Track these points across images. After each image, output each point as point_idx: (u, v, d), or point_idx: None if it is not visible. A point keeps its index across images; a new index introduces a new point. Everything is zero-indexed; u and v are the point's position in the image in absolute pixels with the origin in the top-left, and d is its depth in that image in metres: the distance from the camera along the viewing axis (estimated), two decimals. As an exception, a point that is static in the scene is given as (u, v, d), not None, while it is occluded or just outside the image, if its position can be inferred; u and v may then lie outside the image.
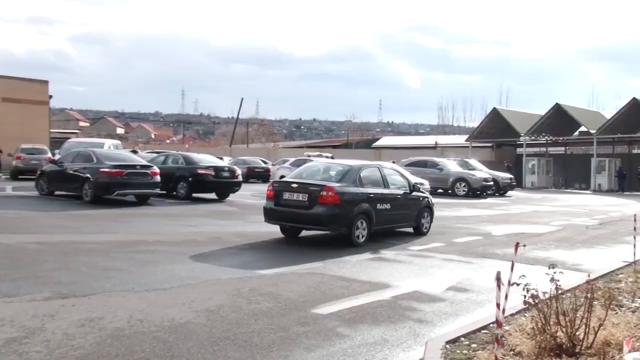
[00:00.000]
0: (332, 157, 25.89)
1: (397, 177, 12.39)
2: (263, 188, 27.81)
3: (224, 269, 7.85)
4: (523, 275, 4.48)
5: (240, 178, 20.11)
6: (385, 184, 11.55)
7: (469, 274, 8.32)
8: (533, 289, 4.50)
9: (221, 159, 29.11)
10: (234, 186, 19.80)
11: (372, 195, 10.86)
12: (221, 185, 19.34)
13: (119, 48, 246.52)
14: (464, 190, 26.36)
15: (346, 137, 73.40)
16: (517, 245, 4.69)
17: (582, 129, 42.72)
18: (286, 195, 10.47)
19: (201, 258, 8.60)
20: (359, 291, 6.86)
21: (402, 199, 11.82)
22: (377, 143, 60.88)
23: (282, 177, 24.52)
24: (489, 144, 48.08)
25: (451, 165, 28.15)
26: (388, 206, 11.27)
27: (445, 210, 19.12)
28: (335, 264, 8.55)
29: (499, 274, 4.11)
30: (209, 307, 5.85)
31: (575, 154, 47.52)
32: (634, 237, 8.87)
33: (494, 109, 45.79)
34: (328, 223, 10.22)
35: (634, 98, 38.34)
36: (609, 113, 48.76)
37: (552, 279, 4.66)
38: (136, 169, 16.60)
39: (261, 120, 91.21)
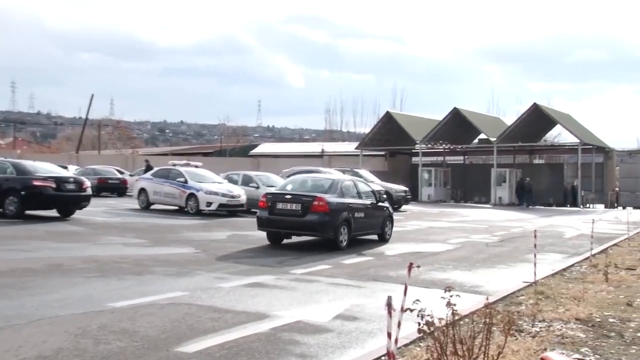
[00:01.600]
0: (200, 167, 25.50)
1: (367, 188, 16.10)
2: (119, 203, 26.95)
3: (66, 303, 7.42)
4: (417, 300, 4.63)
5: (89, 191, 19.29)
6: (359, 194, 15.12)
7: (359, 299, 8.51)
8: (428, 315, 4.66)
9: (65, 167, 27.73)
10: (81, 201, 18.90)
11: (351, 205, 14.30)
12: (64, 199, 18.37)
13: None
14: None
15: (220, 143, 72.79)
16: (410, 266, 4.85)
17: (482, 136, 45.63)
18: (280, 205, 13.64)
19: (35, 290, 8.07)
20: (233, 323, 6.77)
21: (371, 209, 15.27)
22: (256, 150, 61.12)
23: (143, 189, 23.98)
24: (382, 153, 49.95)
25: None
26: (362, 215, 14.73)
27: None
28: (205, 292, 8.40)
29: (389, 299, 4.22)
30: (42, 353, 5.48)
31: (475, 164, 50.71)
32: (535, 256, 9.56)
33: (387, 113, 47.69)
34: (319, 229, 13.49)
35: (534, 104, 41.67)
36: (509, 119, 52.72)
37: (448, 304, 4.86)
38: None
39: (117, 122, 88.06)
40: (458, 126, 44.74)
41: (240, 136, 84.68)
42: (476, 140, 48.54)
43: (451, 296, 4.85)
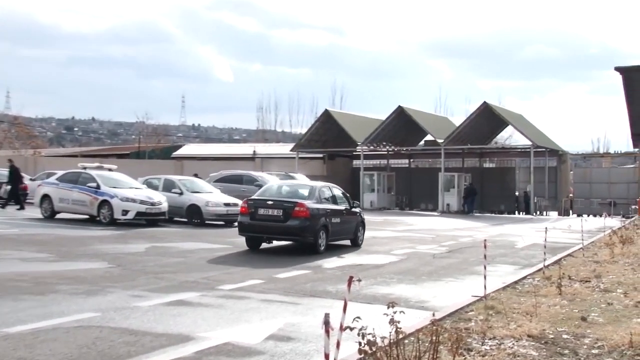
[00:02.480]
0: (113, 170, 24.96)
1: (341, 194, 17.96)
2: (17, 212, 26.02)
3: (-46, 328, 7.11)
4: (358, 318, 4.66)
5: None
6: (335, 200, 17.18)
7: (295, 318, 8.50)
8: (370, 334, 4.69)
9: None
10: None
11: (328, 211, 16.33)
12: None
13: None
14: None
15: (138, 143, 71.55)
16: (350, 280, 4.88)
17: (429, 137, 46.46)
18: (261, 211, 15.60)
19: None
20: (152, 347, 6.65)
21: (346, 214, 17.39)
22: (179, 152, 60.38)
23: (46, 196, 23.23)
24: (320, 155, 50.21)
25: (273, 181, 28.76)
26: (338, 220, 16.81)
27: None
28: (119, 313, 8.22)
29: (327, 316, 4.23)
30: None
31: (421, 168, 51.57)
32: (485, 267, 9.77)
33: (326, 111, 47.95)
34: (300, 233, 15.49)
35: (484, 103, 42.73)
36: (458, 119, 53.90)
37: (392, 321, 4.92)
38: None
39: (14, 118, 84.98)
40: (403, 126, 45.42)
41: (162, 136, 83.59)
42: (422, 142, 49.34)
43: (395, 312, 4.91)
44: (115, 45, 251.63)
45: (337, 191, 17.90)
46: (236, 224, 22.53)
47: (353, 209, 17.93)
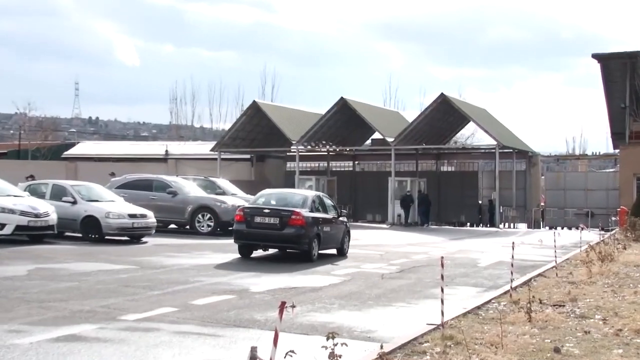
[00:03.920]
0: None
1: (330, 202, 22.04)
2: None
3: None
4: (292, 352, 4.67)
5: None
6: (325, 208, 20.71)
7: (215, 353, 8.45)
8: (306, 371, 4.71)
9: None
10: None
11: (320, 220, 19.66)
12: None
13: None
14: (209, 225, 26.97)
15: (18, 140, 69.89)
16: (282, 306, 4.87)
17: (377, 135, 46.75)
18: (258, 219, 18.72)
19: None
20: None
21: (334, 223, 20.81)
22: (73, 151, 59.11)
23: None
24: (247, 156, 50.03)
25: (190, 188, 28.60)
26: (328, 229, 20.19)
27: (178, 256, 19.30)
28: (-6, 352, 8.01)
29: (254, 351, 4.22)
30: None
31: (368, 172, 51.99)
32: (442, 290, 9.88)
33: (254, 103, 47.64)
34: (297, 242, 18.69)
35: (442, 95, 43.32)
36: (411, 114, 54.54)
37: (332, 355, 4.94)
38: None
39: None
40: (346, 122, 45.64)
41: (49, 131, 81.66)
42: (369, 141, 49.72)
43: (336, 345, 4.93)
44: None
45: (327, 199, 21.94)
46: (144, 239, 22.55)
47: (340, 218, 21.45)
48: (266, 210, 19.07)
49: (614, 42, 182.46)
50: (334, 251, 20.90)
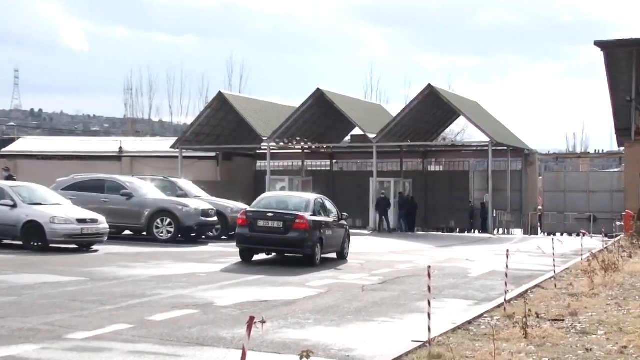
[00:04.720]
0: None
1: (331, 205, 23.62)
2: None
3: None
4: (256, 374, 4.61)
5: None
6: (327, 212, 22.51)
7: (172, 376, 8.37)
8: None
9: None
10: None
11: (322, 223, 21.32)
12: None
13: None
14: (168, 231, 26.88)
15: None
16: (251, 322, 4.83)
17: (357, 131, 46.81)
18: (261, 223, 20.23)
19: None
20: None
21: (335, 226, 22.50)
22: (12, 148, 58.68)
23: None
24: (213, 154, 49.93)
25: (147, 189, 28.47)
26: (330, 232, 21.87)
27: (134, 266, 19.23)
28: None
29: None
30: None
31: (347, 172, 52.14)
32: (429, 303, 9.85)
33: (220, 94, 47.55)
34: (301, 246, 20.17)
35: (429, 86, 43.47)
36: (395, 107, 54.79)
37: (303, 377, 4.89)
38: None
39: None
40: (323, 117, 45.69)
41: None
42: (349, 138, 49.78)
43: (307, 366, 4.88)
44: None
45: (327, 202, 23.55)
46: (94, 247, 22.43)
47: (341, 221, 23.10)
48: (270, 214, 20.48)
49: (618, 27, 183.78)
50: (334, 255, 22.58)
